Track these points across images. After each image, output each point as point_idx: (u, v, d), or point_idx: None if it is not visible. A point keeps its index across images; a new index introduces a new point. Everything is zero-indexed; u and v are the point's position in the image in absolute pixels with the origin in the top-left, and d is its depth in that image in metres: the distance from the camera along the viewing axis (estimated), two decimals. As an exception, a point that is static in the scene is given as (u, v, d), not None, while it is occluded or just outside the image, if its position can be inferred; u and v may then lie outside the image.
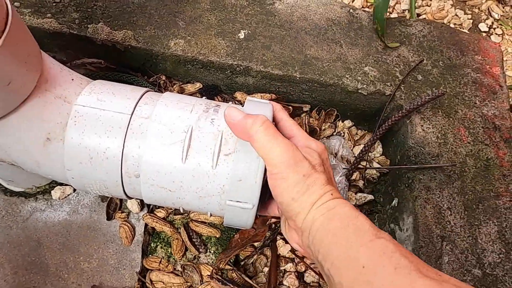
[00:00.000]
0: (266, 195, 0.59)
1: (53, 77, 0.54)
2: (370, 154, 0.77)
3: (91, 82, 0.58)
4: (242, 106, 0.57)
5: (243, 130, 0.46)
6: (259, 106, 0.58)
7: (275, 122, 0.50)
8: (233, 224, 0.58)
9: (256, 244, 0.66)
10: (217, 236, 0.64)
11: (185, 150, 0.52)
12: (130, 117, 0.54)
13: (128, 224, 0.63)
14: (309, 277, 0.66)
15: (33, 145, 0.53)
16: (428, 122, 0.68)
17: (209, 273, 0.60)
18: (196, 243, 0.63)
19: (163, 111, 0.55)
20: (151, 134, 0.53)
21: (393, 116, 0.68)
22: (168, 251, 0.63)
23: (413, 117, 0.69)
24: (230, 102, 0.75)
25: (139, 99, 0.56)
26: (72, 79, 0.56)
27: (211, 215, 0.63)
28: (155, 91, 0.61)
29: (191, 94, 0.76)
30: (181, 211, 0.61)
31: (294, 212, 0.40)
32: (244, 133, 0.46)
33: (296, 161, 0.41)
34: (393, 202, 0.70)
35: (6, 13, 0.46)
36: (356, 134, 0.80)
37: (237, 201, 0.52)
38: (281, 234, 0.69)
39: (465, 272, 0.57)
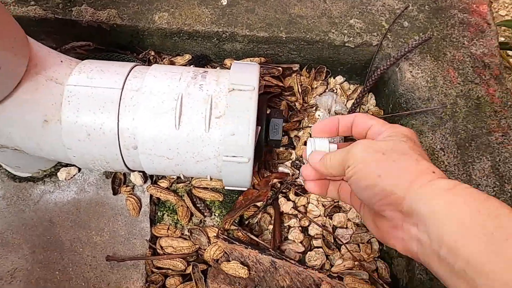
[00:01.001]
0: (261, 155, 0.61)
1: (42, 60, 0.55)
2: (364, 106, 0.78)
3: (80, 62, 0.59)
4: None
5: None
6: (246, 67, 0.59)
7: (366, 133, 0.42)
8: (233, 183, 0.60)
9: (259, 204, 0.69)
10: (220, 199, 0.66)
11: (177, 117, 0.54)
12: (121, 91, 0.55)
13: (134, 197, 0.65)
14: (313, 230, 0.69)
15: (32, 128, 0.55)
16: (417, 67, 0.68)
17: (215, 234, 0.63)
18: (200, 208, 0.66)
19: (152, 82, 0.56)
20: (143, 105, 0.54)
21: (381, 66, 0.69)
22: (174, 218, 0.66)
23: (402, 64, 0.69)
24: (218, 68, 0.76)
25: (128, 73, 0.58)
26: (61, 61, 0.58)
27: (211, 179, 0.65)
28: (144, 65, 0.62)
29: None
30: (182, 178, 0.63)
31: (385, 192, 0.33)
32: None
33: (368, 147, 0.36)
34: (389, 151, 0.71)
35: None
36: (349, 89, 0.81)
37: (233, 156, 0.54)
38: (283, 193, 0.72)
39: (462, 207, 0.58)
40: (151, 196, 0.66)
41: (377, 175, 0.33)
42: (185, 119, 0.54)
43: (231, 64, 0.77)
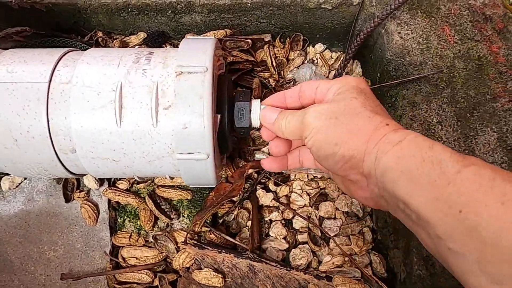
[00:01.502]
0: (227, 146, 0.52)
1: (-51, 55, 0.46)
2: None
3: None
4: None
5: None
6: (197, 44, 0.49)
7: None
8: (195, 182, 0.52)
9: (235, 198, 0.61)
10: (189, 198, 0.58)
11: (117, 112, 0.45)
12: (49, 85, 0.46)
13: (89, 203, 0.57)
14: (298, 223, 0.61)
15: None
16: (406, 27, 0.58)
17: (184, 240, 0.55)
18: (166, 210, 0.58)
19: (85, 70, 0.47)
20: (75, 100, 0.45)
21: (365, 28, 0.58)
22: (137, 224, 0.58)
23: (388, 24, 0.59)
24: (169, 46, 0.66)
25: (57, 62, 0.48)
26: (-24, 54, 0.48)
27: (171, 178, 0.57)
28: (79, 51, 0.52)
29: (136, 47, 0.67)
30: (137, 179, 0.55)
31: (345, 159, 0.33)
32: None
33: (320, 113, 0.35)
34: (379, 126, 0.62)
35: None
36: (331, 57, 0.71)
37: (189, 153, 0.45)
38: (261, 183, 0.63)
39: (465, 190, 0.50)
40: (109, 200, 0.58)
41: (334, 144, 0.33)
42: (127, 113, 0.45)
43: (192, 39, 0.67)
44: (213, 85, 0.45)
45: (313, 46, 0.70)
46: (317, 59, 0.70)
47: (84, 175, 0.55)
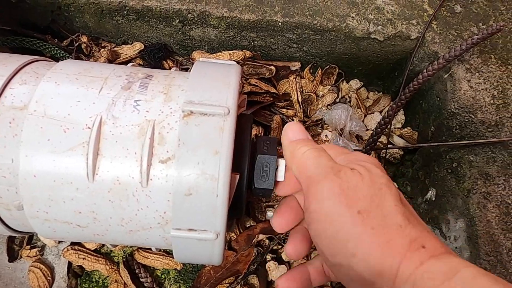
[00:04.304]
0: (241, 211, 0.38)
1: None
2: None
3: None
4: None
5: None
6: (215, 71, 0.35)
7: None
8: (192, 261, 0.37)
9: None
10: (178, 268, 0.44)
11: (91, 160, 0.30)
12: (-7, 110, 0.31)
13: (42, 265, 0.42)
14: (316, 309, 0.47)
15: None
16: (477, 74, 0.46)
17: (166, 331, 0.40)
18: (146, 284, 0.43)
19: (51, 93, 0.32)
20: (30, 136, 0.30)
21: (425, 70, 0.46)
22: (104, 301, 0.43)
23: (455, 68, 0.46)
24: (174, 68, 0.52)
25: (13, 76, 0.34)
26: None
27: (160, 250, 0.42)
28: (50, 61, 0.38)
29: (130, 60, 0.53)
30: (110, 247, 0.40)
31: (365, 282, 0.24)
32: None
33: (339, 193, 0.25)
34: (428, 194, 0.49)
35: None
36: (367, 98, 0.58)
37: (190, 229, 0.31)
38: (273, 252, 0.49)
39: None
40: (69, 263, 0.43)
41: (350, 254, 0.24)
42: (105, 163, 0.31)
43: (201, 58, 0.54)
44: (234, 133, 0.31)
45: (347, 82, 0.57)
46: (349, 97, 0.57)
47: (27, 234, 0.40)
